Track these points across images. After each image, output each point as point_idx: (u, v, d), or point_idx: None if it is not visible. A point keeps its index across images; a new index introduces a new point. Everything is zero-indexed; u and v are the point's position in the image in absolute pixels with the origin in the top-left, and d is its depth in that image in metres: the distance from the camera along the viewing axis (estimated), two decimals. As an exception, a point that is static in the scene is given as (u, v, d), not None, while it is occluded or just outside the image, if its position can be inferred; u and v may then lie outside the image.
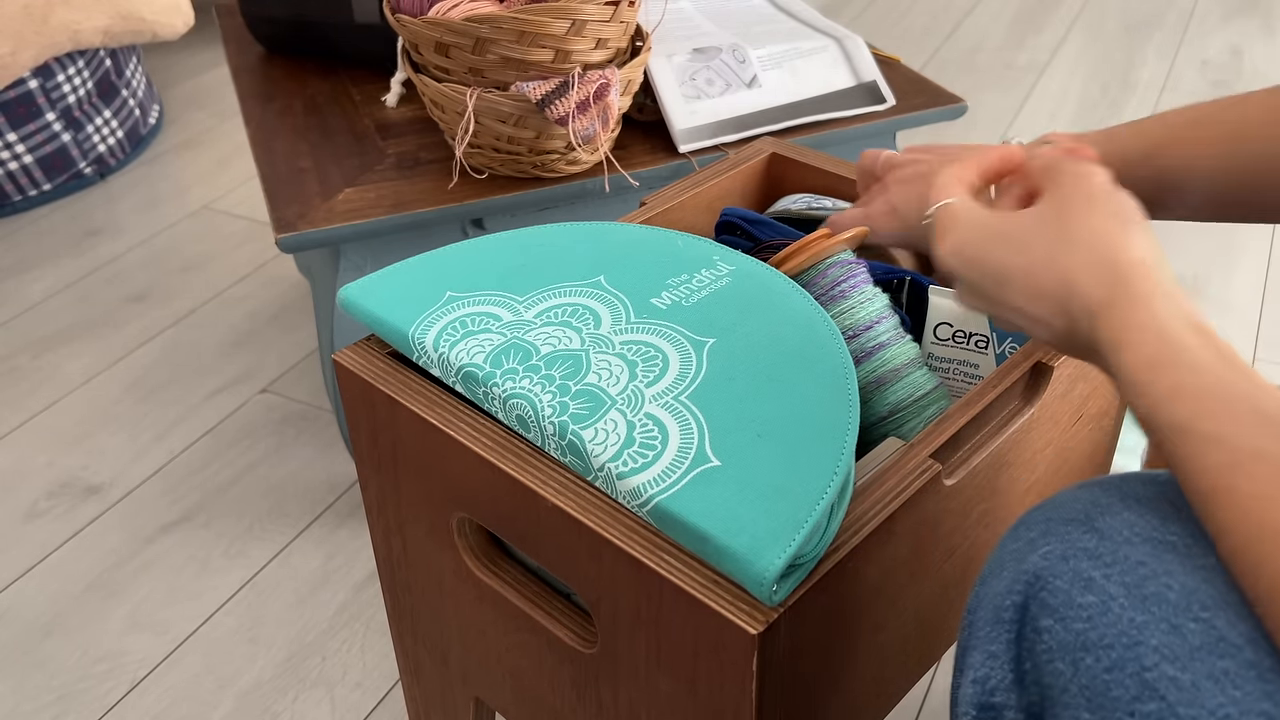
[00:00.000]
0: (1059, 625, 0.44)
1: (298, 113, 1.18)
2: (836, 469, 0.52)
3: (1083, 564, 0.45)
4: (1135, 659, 0.41)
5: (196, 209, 1.78)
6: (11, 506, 1.22)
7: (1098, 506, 0.47)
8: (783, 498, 0.51)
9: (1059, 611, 0.45)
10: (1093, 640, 0.43)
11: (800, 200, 0.83)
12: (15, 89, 1.67)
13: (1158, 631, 0.41)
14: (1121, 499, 0.47)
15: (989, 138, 1.92)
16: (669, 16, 1.20)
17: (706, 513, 0.51)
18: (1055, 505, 0.49)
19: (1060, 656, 0.44)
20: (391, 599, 0.78)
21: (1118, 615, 0.43)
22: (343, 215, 0.99)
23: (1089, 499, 0.48)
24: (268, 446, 1.28)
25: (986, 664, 0.48)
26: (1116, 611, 0.43)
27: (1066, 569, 0.45)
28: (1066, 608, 0.44)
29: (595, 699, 0.62)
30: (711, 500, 0.51)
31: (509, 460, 0.58)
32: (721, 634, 0.50)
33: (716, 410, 0.56)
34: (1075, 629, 0.44)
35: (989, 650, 0.48)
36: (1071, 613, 0.44)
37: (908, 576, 0.61)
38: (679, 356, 0.59)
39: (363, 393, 0.65)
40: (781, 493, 0.51)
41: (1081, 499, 0.48)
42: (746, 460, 0.53)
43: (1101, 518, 0.46)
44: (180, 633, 1.06)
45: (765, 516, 0.50)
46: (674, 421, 0.55)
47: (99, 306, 1.54)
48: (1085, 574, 0.44)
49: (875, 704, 0.66)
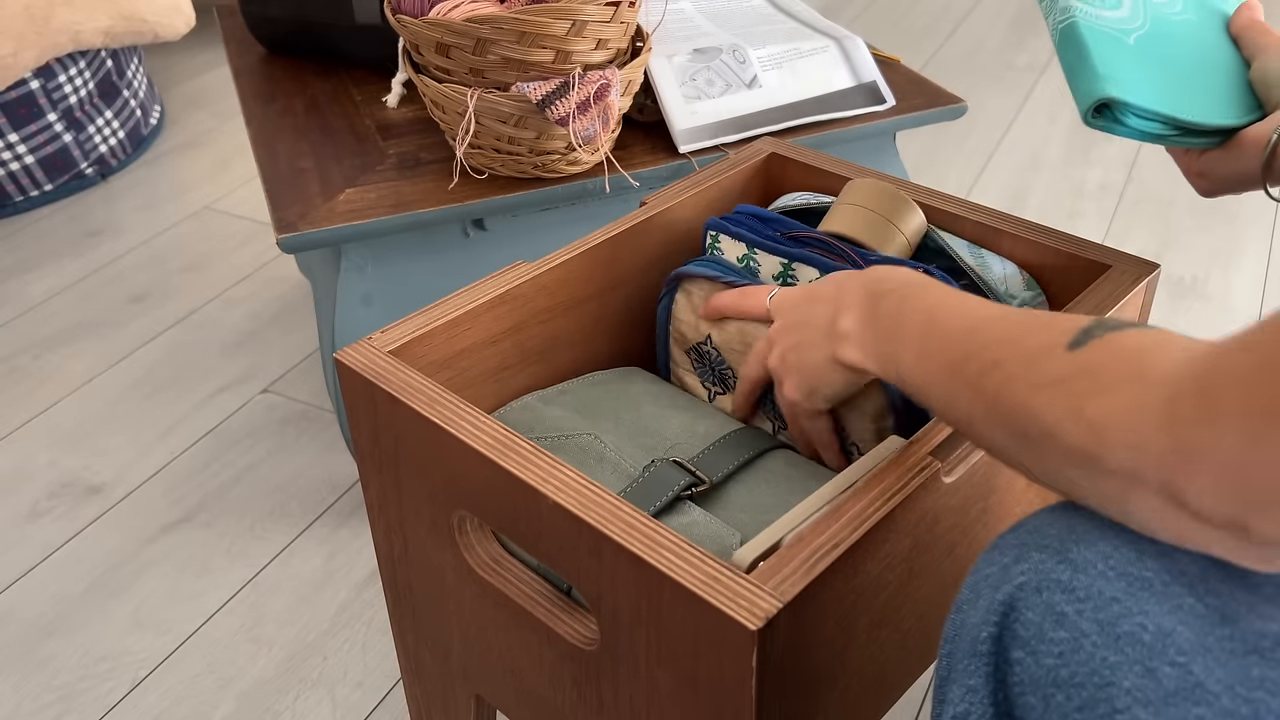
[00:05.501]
0: (1030, 659, 0.44)
1: (299, 113, 1.18)
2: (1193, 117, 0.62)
3: (1055, 597, 0.44)
4: (1107, 700, 0.41)
5: (197, 209, 1.78)
6: (13, 506, 1.22)
7: (1073, 534, 0.46)
8: (1153, 89, 0.61)
9: (1030, 645, 0.44)
10: (1064, 678, 0.42)
11: (800, 199, 0.84)
12: (16, 89, 1.67)
13: (1131, 674, 0.41)
14: (1098, 526, 0.46)
15: (989, 137, 1.92)
16: (669, 17, 1.20)
17: (1101, 47, 0.61)
18: (1031, 529, 0.48)
19: (1031, 690, 0.43)
20: (392, 597, 0.78)
21: (1089, 654, 0.42)
22: (344, 215, 0.99)
23: (1065, 525, 0.47)
24: (269, 446, 1.29)
25: (966, 699, 0.47)
26: (1088, 650, 0.42)
27: (1039, 601, 0.44)
28: (1038, 641, 0.43)
29: (596, 696, 0.62)
30: (1112, 50, 0.61)
31: (510, 458, 0.58)
32: (721, 631, 0.50)
33: (1165, 38, 0.65)
34: (1046, 664, 0.43)
35: (968, 684, 0.47)
36: (1043, 647, 0.43)
37: (907, 573, 0.61)
38: None
39: (364, 392, 0.66)
40: (1154, 87, 0.61)
41: (1058, 524, 0.47)
42: (1150, 69, 0.62)
43: (1076, 548, 0.45)
44: (181, 632, 1.07)
45: (1135, 78, 0.60)
46: (1132, 6, 0.63)
47: (100, 307, 1.55)
48: (1058, 608, 0.44)
49: (875, 700, 0.66)
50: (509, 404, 0.77)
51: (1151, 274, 0.72)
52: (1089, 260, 0.74)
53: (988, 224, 0.78)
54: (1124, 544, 0.45)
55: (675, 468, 0.67)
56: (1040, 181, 1.79)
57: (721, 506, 0.66)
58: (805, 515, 0.58)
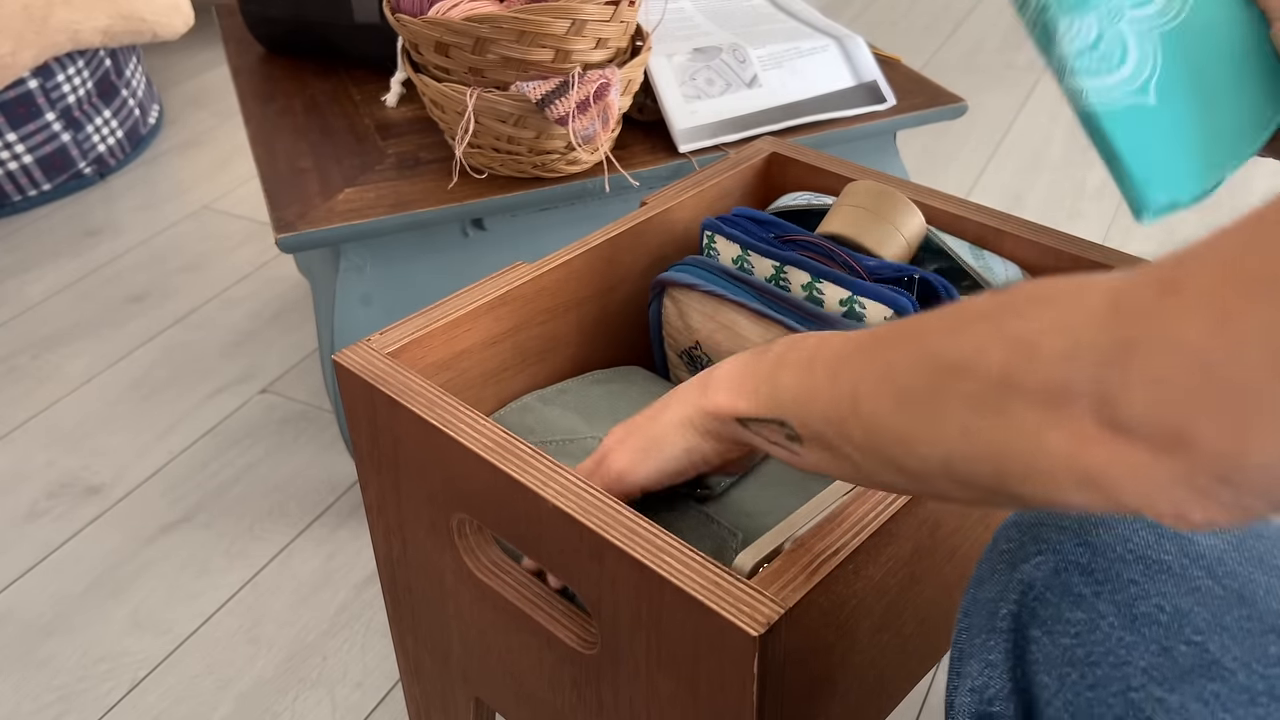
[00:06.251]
0: (1046, 638, 0.44)
1: (298, 113, 1.18)
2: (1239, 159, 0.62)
3: (1074, 579, 0.44)
4: (1122, 678, 0.41)
5: (196, 209, 1.78)
6: (12, 506, 1.22)
7: (1092, 516, 0.46)
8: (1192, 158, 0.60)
9: (1047, 624, 0.44)
10: (1079, 656, 0.42)
11: (800, 198, 0.83)
12: (15, 89, 1.67)
13: (1147, 653, 0.41)
14: None
15: (989, 137, 1.92)
16: (669, 16, 1.20)
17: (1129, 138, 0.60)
18: None
19: (1046, 669, 0.44)
20: (392, 599, 0.78)
21: (1106, 634, 0.42)
22: (343, 215, 0.99)
23: None
24: (268, 446, 1.28)
25: (985, 673, 0.47)
26: (1105, 630, 0.42)
27: (1058, 582, 0.45)
28: (1055, 621, 0.44)
29: (596, 700, 0.62)
30: (1138, 130, 0.60)
31: (509, 461, 0.58)
32: (722, 636, 0.50)
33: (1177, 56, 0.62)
34: (1062, 644, 0.43)
35: (986, 659, 0.47)
36: (1059, 627, 0.44)
37: (909, 578, 0.61)
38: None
39: (363, 393, 0.65)
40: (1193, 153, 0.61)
41: None
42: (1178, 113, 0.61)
43: (1095, 530, 0.46)
44: (181, 633, 1.06)
45: (1174, 163, 0.60)
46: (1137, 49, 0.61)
47: (99, 306, 1.54)
48: (1076, 589, 0.44)
49: (876, 704, 0.66)
50: (508, 405, 0.77)
51: (1154, 275, 0.71)
52: (1090, 262, 0.74)
53: (988, 224, 0.78)
54: (1142, 527, 0.45)
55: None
56: (1041, 181, 1.79)
57: (722, 508, 0.66)
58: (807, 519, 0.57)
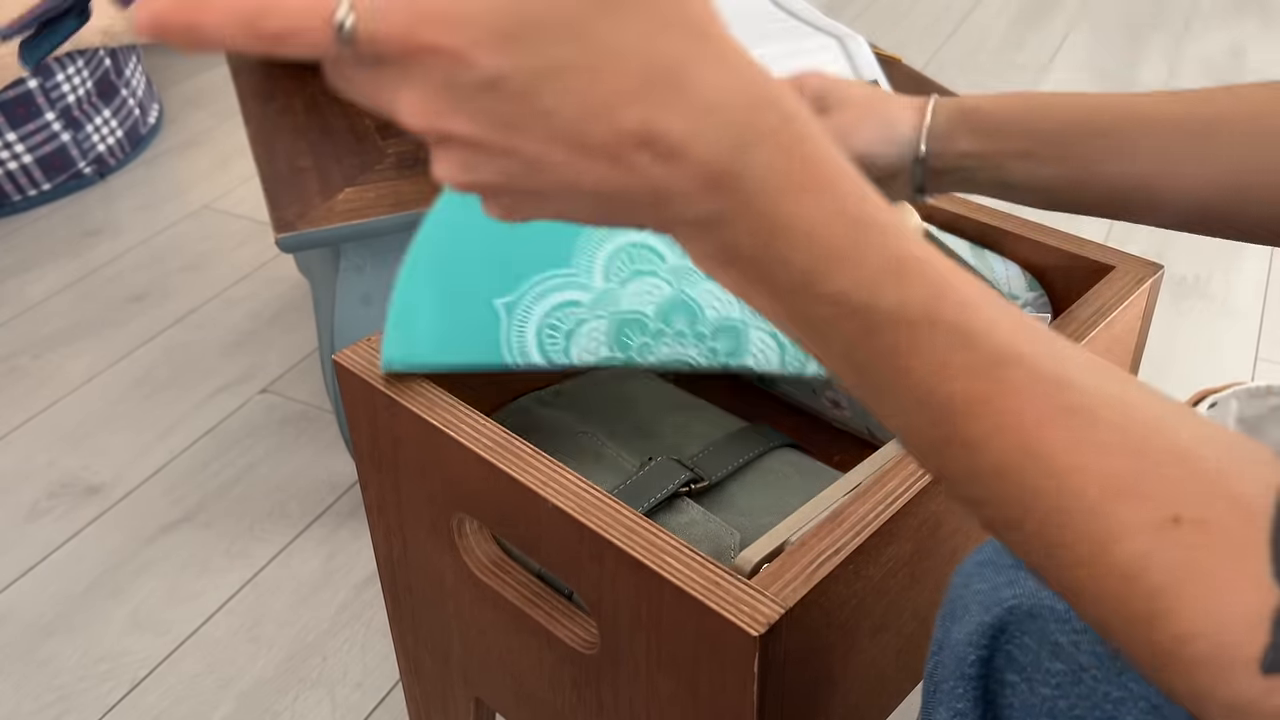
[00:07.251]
0: (1025, 685, 0.42)
1: (298, 112, 1.18)
2: None
3: (1050, 626, 0.42)
4: None
5: (196, 209, 1.77)
6: (12, 506, 1.22)
7: None
8: None
9: (1026, 671, 0.42)
10: (1061, 709, 0.41)
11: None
12: (14, 89, 1.67)
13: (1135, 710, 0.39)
14: None
15: (990, 137, 1.91)
16: (669, 16, 1.20)
17: None
18: None
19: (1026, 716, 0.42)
20: (392, 599, 0.78)
21: (1090, 688, 0.40)
22: (343, 215, 0.99)
23: None
24: (268, 447, 1.28)
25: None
26: (1089, 684, 0.40)
27: (1034, 628, 0.43)
28: (1034, 669, 0.42)
29: (596, 700, 0.62)
30: None
31: (509, 461, 0.58)
32: (723, 636, 0.50)
33: None
34: (1042, 694, 0.42)
35: (955, 708, 0.45)
36: (1039, 676, 0.42)
37: (909, 578, 0.61)
38: None
39: (363, 393, 0.65)
40: None
41: None
42: None
43: None
44: (181, 633, 1.06)
45: None
46: None
47: (99, 306, 1.54)
48: (1052, 637, 0.42)
49: (877, 704, 0.66)
50: (508, 405, 0.77)
51: (1155, 275, 0.71)
52: (1092, 261, 0.74)
53: (989, 224, 0.77)
54: None
55: (673, 464, 0.67)
56: (1041, 180, 1.79)
57: (721, 506, 0.66)
58: (807, 519, 0.57)
